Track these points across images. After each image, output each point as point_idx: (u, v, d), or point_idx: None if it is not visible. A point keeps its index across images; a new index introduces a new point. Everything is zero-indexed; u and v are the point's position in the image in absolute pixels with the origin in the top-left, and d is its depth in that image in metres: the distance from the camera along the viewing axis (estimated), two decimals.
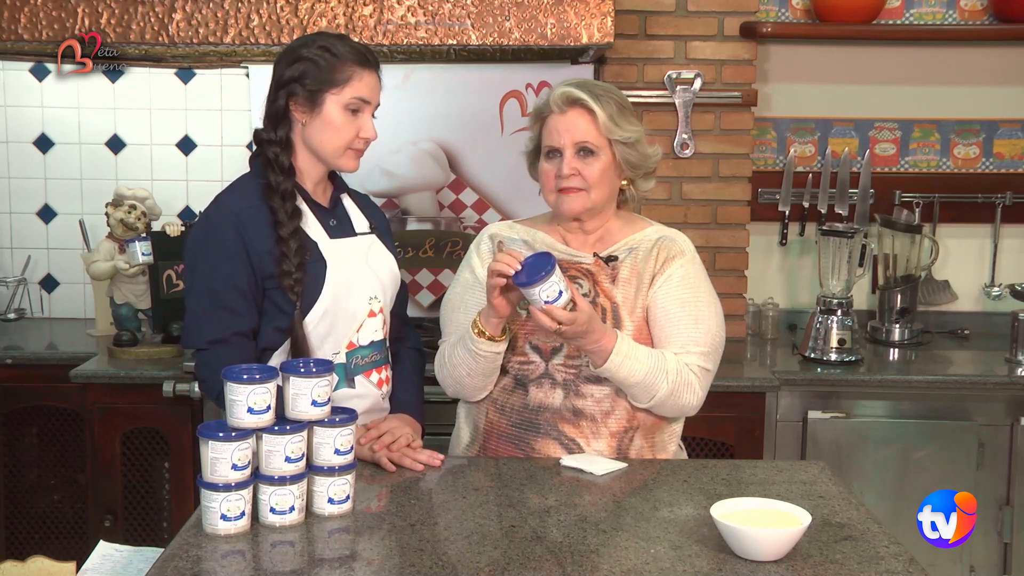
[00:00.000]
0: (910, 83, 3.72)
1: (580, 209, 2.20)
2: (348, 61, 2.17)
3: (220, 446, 1.76)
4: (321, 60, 2.17)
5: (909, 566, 1.68)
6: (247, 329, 2.15)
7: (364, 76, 2.18)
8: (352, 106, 2.18)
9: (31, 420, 3.29)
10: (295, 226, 2.14)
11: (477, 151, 3.60)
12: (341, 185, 2.34)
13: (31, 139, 3.70)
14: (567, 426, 2.17)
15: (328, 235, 2.21)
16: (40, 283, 3.76)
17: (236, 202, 2.18)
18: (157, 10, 3.03)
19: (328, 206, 2.27)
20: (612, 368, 2.09)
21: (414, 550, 1.72)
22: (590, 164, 2.17)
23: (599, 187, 2.18)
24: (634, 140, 2.19)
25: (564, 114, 2.18)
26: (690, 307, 2.18)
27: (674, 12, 3.42)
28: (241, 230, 2.13)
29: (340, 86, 2.16)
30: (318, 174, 2.25)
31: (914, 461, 3.15)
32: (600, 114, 2.15)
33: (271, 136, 2.20)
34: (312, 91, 2.17)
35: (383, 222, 2.41)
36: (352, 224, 2.30)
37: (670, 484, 2.04)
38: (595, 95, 2.17)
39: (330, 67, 2.16)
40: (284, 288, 2.12)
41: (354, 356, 2.21)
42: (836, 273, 3.40)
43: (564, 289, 1.99)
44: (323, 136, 2.18)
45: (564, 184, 2.17)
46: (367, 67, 2.19)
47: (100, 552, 2.09)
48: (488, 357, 2.14)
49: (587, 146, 2.16)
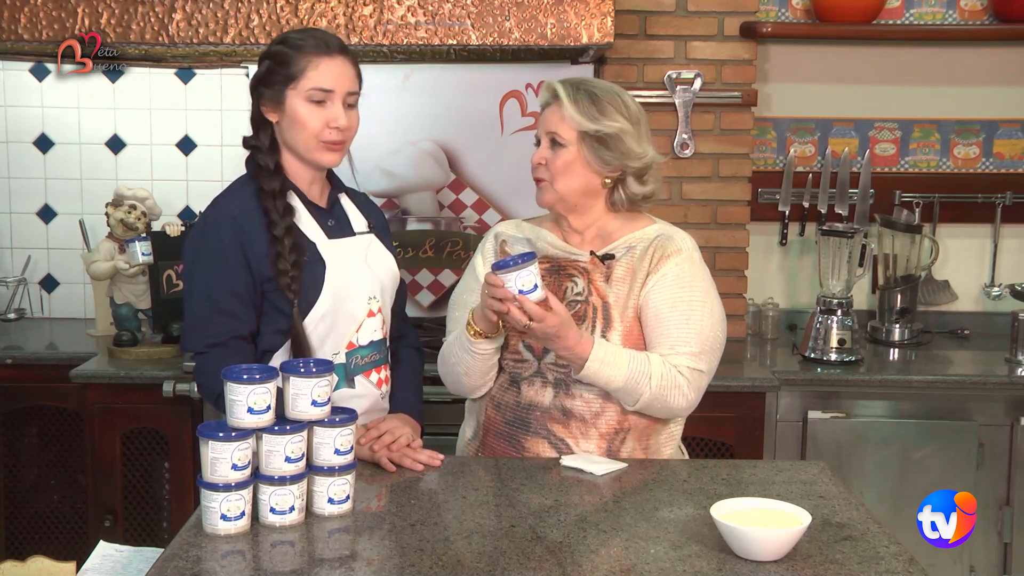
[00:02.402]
0: (910, 83, 3.72)
1: (549, 200, 2.21)
2: (305, 51, 2.13)
3: (220, 446, 1.76)
4: (279, 56, 2.14)
5: (909, 566, 1.68)
6: (246, 333, 2.14)
7: (321, 64, 2.13)
8: (314, 97, 2.13)
9: (31, 420, 3.29)
10: (288, 224, 2.13)
11: (477, 151, 3.60)
12: (339, 185, 2.32)
13: (31, 139, 3.70)
14: (556, 426, 2.17)
15: (326, 235, 2.21)
16: (40, 283, 3.76)
17: (233, 205, 2.17)
18: (157, 10, 3.03)
19: (326, 206, 2.26)
20: (590, 374, 2.09)
21: (414, 550, 1.72)
22: (557, 155, 2.18)
23: (562, 178, 2.18)
24: (608, 134, 2.16)
25: (548, 106, 2.22)
26: (682, 307, 2.15)
27: (674, 12, 3.42)
28: (239, 233, 2.12)
29: (296, 79, 2.13)
30: (308, 174, 2.23)
31: (914, 461, 3.15)
32: (567, 106, 2.16)
33: (255, 142, 2.20)
34: (277, 89, 2.15)
35: (382, 221, 2.40)
36: (351, 224, 2.29)
37: (670, 484, 2.04)
38: (573, 88, 2.18)
39: (286, 61, 2.13)
40: (281, 287, 2.11)
41: (354, 356, 2.21)
42: (836, 273, 3.40)
43: (540, 286, 2.01)
44: (293, 133, 2.16)
45: (534, 174, 2.22)
46: (326, 54, 2.14)
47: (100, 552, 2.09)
48: (483, 355, 2.15)
49: (555, 137, 2.18)
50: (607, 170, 2.20)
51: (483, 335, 2.12)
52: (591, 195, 2.22)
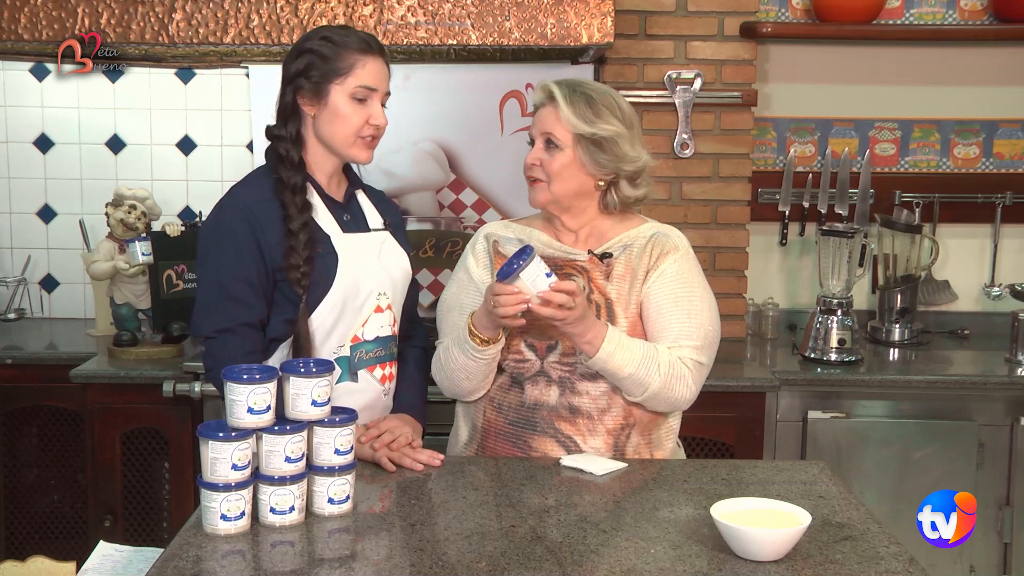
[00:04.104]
0: (910, 83, 3.72)
1: (543, 200, 2.22)
2: (351, 49, 2.16)
3: (220, 446, 1.76)
4: (324, 50, 2.16)
5: (909, 566, 1.68)
6: (255, 320, 2.16)
7: (368, 63, 2.17)
8: (358, 95, 2.17)
9: (31, 420, 3.29)
10: (305, 220, 2.15)
11: (477, 151, 3.61)
12: (356, 181, 2.34)
13: (31, 139, 3.70)
14: (564, 424, 2.17)
15: (341, 229, 2.22)
16: (40, 283, 3.76)
17: (249, 195, 2.19)
18: (157, 10, 3.03)
19: (342, 201, 2.28)
20: (604, 358, 2.09)
21: (414, 550, 1.72)
22: (553, 157, 2.19)
23: (559, 180, 2.19)
24: (604, 137, 2.17)
25: (543, 107, 2.22)
26: (683, 302, 2.18)
27: (674, 12, 3.42)
28: (253, 222, 2.14)
29: (344, 75, 2.16)
30: (331, 167, 2.25)
31: (914, 461, 3.15)
32: (564, 108, 2.17)
33: (281, 132, 2.21)
34: (317, 83, 2.16)
35: (397, 219, 2.42)
36: (366, 220, 2.31)
37: (670, 484, 2.04)
38: (569, 89, 2.19)
39: (333, 57, 2.16)
40: (291, 281, 2.13)
41: (358, 350, 2.22)
42: (836, 273, 3.40)
43: (551, 271, 2.03)
44: (332, 127, 2.19)
45: (527, 173, 2.23)
46: (370, 54, 2.18)
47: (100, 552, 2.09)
48: (486, 360, 2.15)
49: (551, 138, 2.19)
50: (601, 173, 2.21)
51: (488, 341, 2.12)
52: (584, 197, 2.24)
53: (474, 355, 2.13)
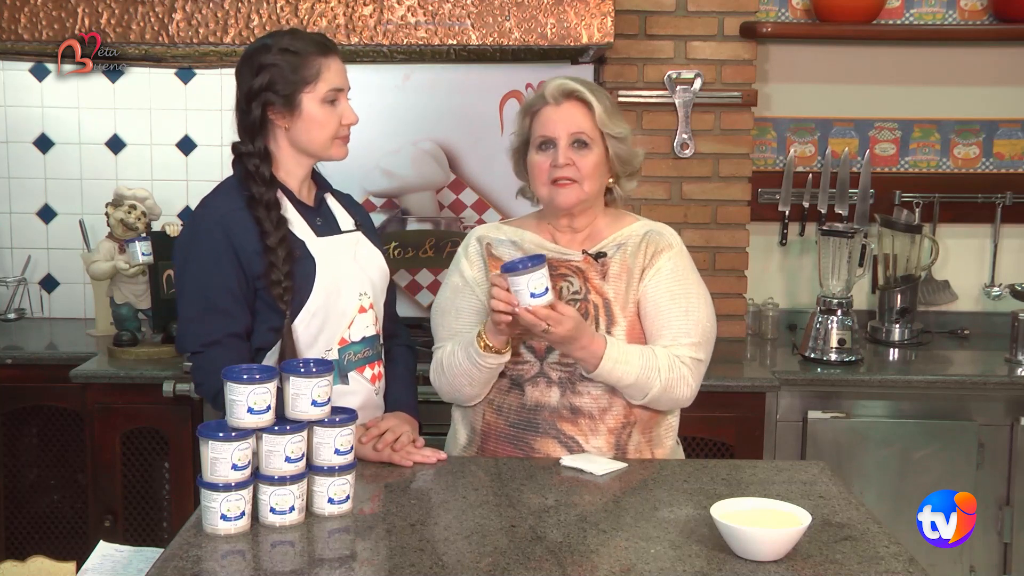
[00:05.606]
0: (910, 83, 3.72)
1: (574, 201, 2.20)
2: (311, 55, 2.16)
3: (220, 446, 1.76)
4: (285, 63, 2.15)
5: (909, 566, 1.68)
6: (240, 330, 2.14)
7: (331, 64, 2.18)
8: (329, 98, 2.17)
9: (31, 420, 3.29)
10: (282, 235, 2.14)
11: (477, 151, 3.60)
12: (324, 185, 2.34)
13: (31, 139, 3.70)
14: (566, 424, 2.17)
15: (315, 234, 2.22)
16: (40, 283, 3.76)
17: (222, 204, 2.18)
18: (157, 10, 3.03)
19: (313, 206, 2.27)
20: (604, 373, 2.10)
21: (414, 550, 1.72)
22: (584, 156, 2.18)
23: (591, 180, 2.19)
24: (624, 136, 2.22)
25: (559, 106, 2.19)
26: (680, 299, 2.19)
27: (674, 12, 3.42)
28: (228, 232, 2.13)
29: (312, 83, 2.16)
30: (303, 173, 2.25)
31: (914, 461, 3.15)
32: (596, 107, 2.18)
33: (249, 148, 2.19)
34: (287, 95, 2.15)
35: (367, 220, 2.42)
36: (337, 222, 2.30)
37: (670, 484, 2.04)
38: (591, 88, 2.21)
39: (297, 67, 2.15)
40: (274, 297, 2.12)
41: (346, 352, 2.22)
42: (836, 273, 3.40)
43: (549, 289, 2.00)
44: (310, 135, 2.18)
45: (558, 175, 2.18)
46: (330, 55, 2.19)
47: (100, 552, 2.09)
48: (491, 368, 2.15)
49: (582, 138, 2.18)
50: (617, 170, 2.24)
51: (495, 350, 2.11)
52: (601, 194, 2.27)
53: (478, 361, 2.12)
